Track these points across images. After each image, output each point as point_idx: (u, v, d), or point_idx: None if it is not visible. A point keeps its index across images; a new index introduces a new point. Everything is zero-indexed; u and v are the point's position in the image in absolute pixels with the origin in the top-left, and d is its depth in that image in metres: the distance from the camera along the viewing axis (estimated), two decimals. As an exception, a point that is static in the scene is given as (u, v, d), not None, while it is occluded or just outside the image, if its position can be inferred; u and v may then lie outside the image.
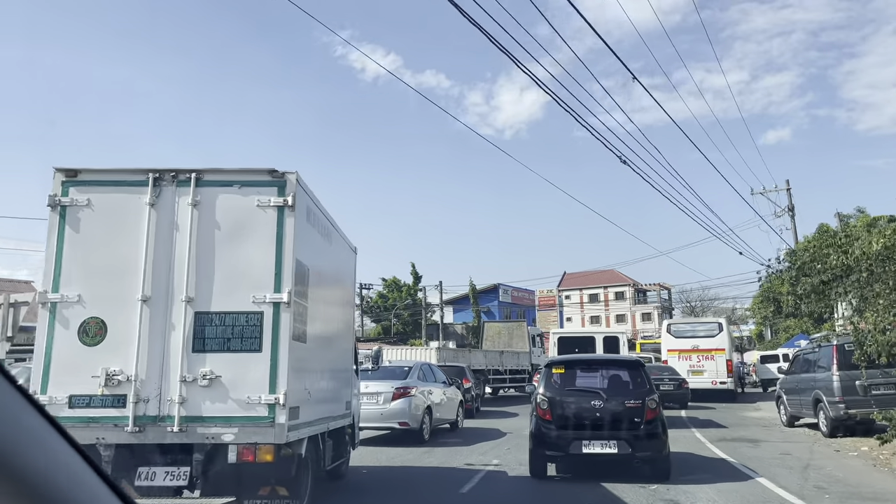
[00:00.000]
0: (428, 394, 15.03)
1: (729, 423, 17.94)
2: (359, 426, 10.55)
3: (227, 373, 5.45)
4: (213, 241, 5.65)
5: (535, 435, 9.14)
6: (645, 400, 8.92)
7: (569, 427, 8.93)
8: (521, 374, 29.90)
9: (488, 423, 18.70)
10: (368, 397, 14.07)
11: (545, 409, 9.10)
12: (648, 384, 9.33)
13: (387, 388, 14.14)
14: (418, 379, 15.16)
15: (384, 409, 13.98)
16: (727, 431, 15.62)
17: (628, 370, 9.71)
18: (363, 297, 52.97)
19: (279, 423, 5.37)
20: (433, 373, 16.50)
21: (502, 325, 32.55)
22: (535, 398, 9.47)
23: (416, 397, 14.34)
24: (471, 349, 26.94)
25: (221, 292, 5.57)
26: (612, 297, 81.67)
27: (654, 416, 8.89)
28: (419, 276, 58.03)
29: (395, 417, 13.95)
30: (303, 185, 5.99)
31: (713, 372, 26.06)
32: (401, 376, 14.90)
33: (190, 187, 5.72)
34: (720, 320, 27.69)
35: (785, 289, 45.39)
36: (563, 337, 20.97)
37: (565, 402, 9.08)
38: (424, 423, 14.48)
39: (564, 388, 9.30)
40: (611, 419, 8.82)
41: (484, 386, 27.02)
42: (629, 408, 8.90)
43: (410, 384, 14.51)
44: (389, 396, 14.08)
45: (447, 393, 16.47)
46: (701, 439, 13.89)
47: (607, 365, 10.36)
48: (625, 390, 9.30)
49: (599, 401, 8.93)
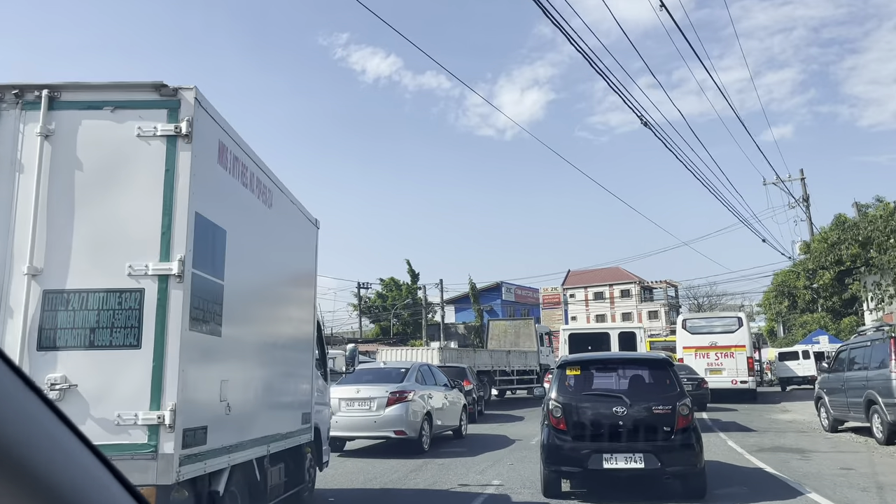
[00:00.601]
0: (427, 398, 13.30)
1: (758, 426, 16.12)
2: (328, 438, 8.86)
3: (88, 380, 3.71)
4: (73, 187, 3.91)
5: (548, 447, 7.95)
6: (675, 405, 7.75)
7: (586, 438, 7.82)
8: (529, 374, 28.13)
9: (493, 428, 16.97)
10: (360, 403, 12.42)
11: (558, 417, 7.93)
12: (678, 386, 8.13)
13: (380, 393, 12.45)
14: (416, 382, 13.42)
15: (378, 416, 12.28)
16: (762, 438, 13.77)
17: (654, 370, 8.54)
18: (361, 297, 51.12)
19: (164, 454, 3.63)
20: (433, 375, 14.73)
21: (508, 324, 30.72)
22: (547, 404, 8.31)
23: (414, 402, 12.62)
24: (475, 349, 25.15)
25: (83, 262, 3.84)
26: (618, 295, 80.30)
27: (686, 423, 7.73)
28: (416, 273, 56.29)
29: (390, 425, 12.25)
30: (208, 108, 4.24)
31: (733, 370, 24.15)
32: (396, 379, 13.16)
33: (40, 111, 3.96)
34: (739, 314, 25.78)
35: (801, 282, 43.77)
36: (575, 334, 19.10)
37: (582, 409, 7.98)
38: (424, 432, 12.77)
39: (580, 393, 8.21)
40: (636, 428, 7.73)
41: (490, 388, 25.30)
42: (657, 414, 7.78)
43: (407, 388, 12.78)
44: (384, 402, 12.37)
45: (449, 397, 14.73)
46: (735, 447, 12.09)
47: (630, 364, 9.24)
48: (651, 394, 8.17)
49: (622, 407, 7.78)
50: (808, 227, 42.13)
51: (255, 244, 5.27)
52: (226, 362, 4.50)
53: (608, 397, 8.04)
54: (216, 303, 4.28)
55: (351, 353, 11.24)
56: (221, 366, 4.41)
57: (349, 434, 12.66)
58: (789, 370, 33.21)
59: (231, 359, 4.61)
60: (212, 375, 4.24)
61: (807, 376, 33.28)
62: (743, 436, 14.03)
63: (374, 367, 14.55)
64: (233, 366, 4.65)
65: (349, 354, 11.24)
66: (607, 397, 8.05)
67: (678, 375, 8.48)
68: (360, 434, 12.73)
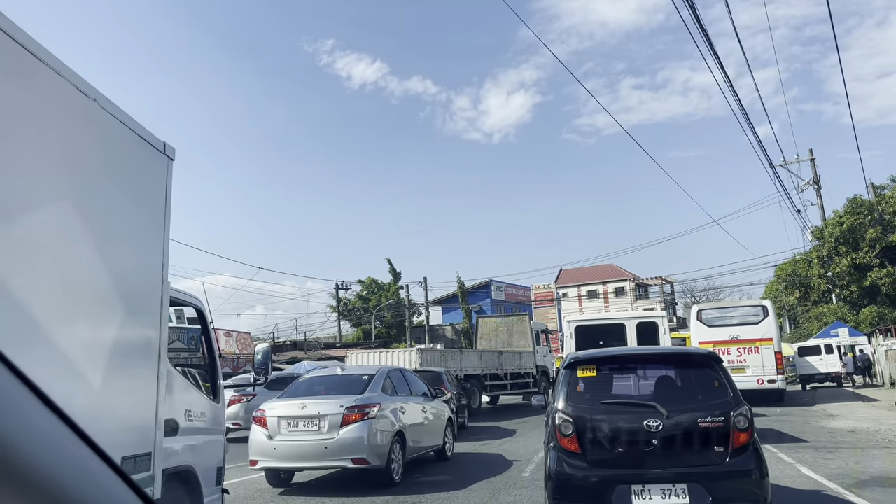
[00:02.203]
0: (399, 413, 10.10)
1: (817, 439, 13.04)
2: (220, 481, 5.85)
3: None
4: None
5: (556, 478, 6.00)
6: (730, 416, 5.92)
7: (608, 463, 5.94)
8: (525, 377, 24.95)
9: (483, 446, 13.78)
10: (306, 423, 9.22)
11: (569, 435, 6.04)
12: (732, 390, 6.21)
13: (333, 409, 9.28)
14: (384, 392, 10.19)
15: (329, 439, 9.09)
16: (839, 459, 10.62)
17: (697, 369, 6.58)
18: (340, 299, 47.56)
19: None
20: (407, 382, 11.47)
21: (500, 321, 27.44)
22: (553, 418, 6.28)
23: (379, 420, 9.44)
24: (462, 350, 21.89)
25: None
26: (612, 293, 77.83)
27: (745, 441, 5.88)
28: (398, 273, 53.03)
29: (347, 452, 9.06)
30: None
31: (758, 368, 21.12)
32: (356, 389, 9.94)
33: None
34: (764, 302, 22.65)
35: (815, 271, 40.90)
36: (583, 326, 15.81)
37: (600, 423, 6.06)
38: (394, 457, 9.62)
39: (597, 401, 6.29)
40: (676, 449, 5.88)
41: (480, 394, 22.06)
42: (705, 429, 5.89)
43: (370, 400, 9.58)
44: (337, 420, 9.18)
45: (429, 409, 11.53)
46: (813, 477, 8.98)
47: (663, 361, 7.11)
48: (695, 401, 6.23)
49: (656, 419, 5.86)
50: (819, 210, 39.42)
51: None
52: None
53: (636, 406, 6.12)
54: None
55: (264, 357, 7.98)
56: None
57: (290, 465, 9.40)
58: (810, 366, 30.26)
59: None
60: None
61: (830, 373, 30.39)
62: (810, 455, 10.89)
63: (328, 374, 11.25)
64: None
65: (261, 358, 7.98)
66: (635, 407, 6.13)
67: (730, 376, 6.45)
68: (306, 465, 9.47)
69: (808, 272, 41.14)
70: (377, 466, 9.24)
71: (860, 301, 37.90)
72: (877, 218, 37.59)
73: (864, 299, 37.76)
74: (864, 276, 36.88)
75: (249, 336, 37.13)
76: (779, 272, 45.66)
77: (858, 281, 37.14)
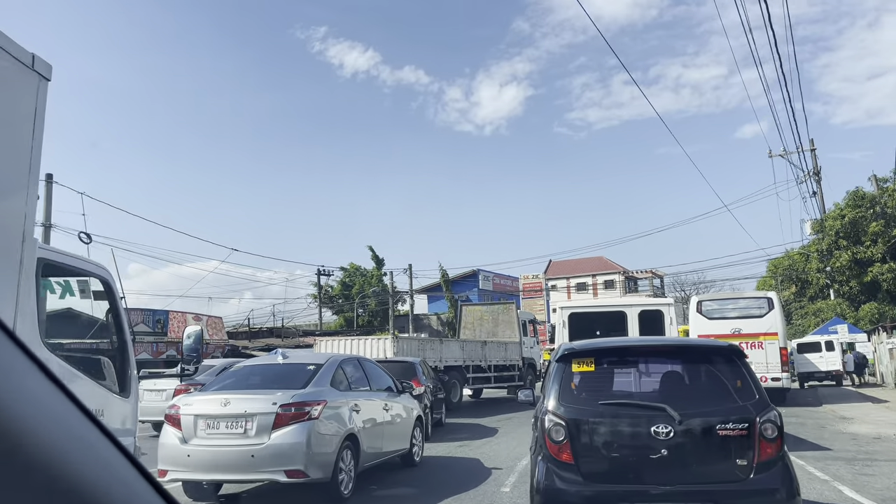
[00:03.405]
0: (351, 412, 8.29)
1: (842, 447, 11.40)
2: None
3: None
4: None
5: (543, 494, 5.06)
6: (755, 422, 4.87)
7: (607, 478, 5.01)
8: (510, 370, 23.24)
9: (459, 448, 12.04)
10: (229, 424, 7.42)
11: (560, 442, 5.06)
12: (757, 391, 5.17)
13: (263, 407, 7.42)
14: (333, 386, 8.35)
15: (257, 445, 7.25)
16: (880, 475, 8.95)
17: (716, 365, 5.52)
18: (321, 286, 45.60)
19: None
20: (366, 374, 9.64)
21: (485, 309, 25.65)
22: (542, 421, 5.28)
23: (325, 421, 7.65)
24: (443, 340, 20.11)
25: None
26: (602, 285, 76.75)
27: (773, 453, 4.85)
28: (381, 259, 51.12)
29: (279, 462, 7.26)
30: None
31: (762, 365, 19.43)
32: (297, 382, 8.10)
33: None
34: (770, 294, 20.96)
35: (813, 265, 39.39)
36: (578, 313, 13.97)
37: (598, 429, 5.11)
38: (342, 467, 7.83)
39: (595, 401, 5.29)
40: (689, 462, 4.90)
41: (461, 387, 20.32)
42: (724, 437, 4.89)
43: (313, 396, 7.76)
44: (268, 421, 7.35)
45: (394, 407, 9.76)
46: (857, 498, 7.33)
47: (674, 355, 5.99)
48: (713, 403, 5.19)
49: (666, 425, 4.89)
50: (819, 202, 37.87)
51: None
52: None
53: (642, 409, 5.25)
54: None
55: (195, 342, 6.26)
56: None
57: (207, 477, 7.53)
58: (810, 364, 28.69)
59: None
60: None
61: (831, 371, 28.86)
62: (844, 469, 9.22)
63: (267, 362, 9.38)
64: None
65: (192, 343, 6.26)
66: (641, 409, 5.26)
67: (754, 374, 5.46)
68: (227, 478, 7.61)
69: (807, 266, 39.63)
70: (319, 479, 7.45)
71: (859, 297, 36.44)
72: (879, 212, 36.07)
73: (864, 295, 36.31)
74: (865, 272, 35.40)
75: (221, 321, 35.12)
76: (771, 267, 44.26)
77: (859, 276, 35.66)
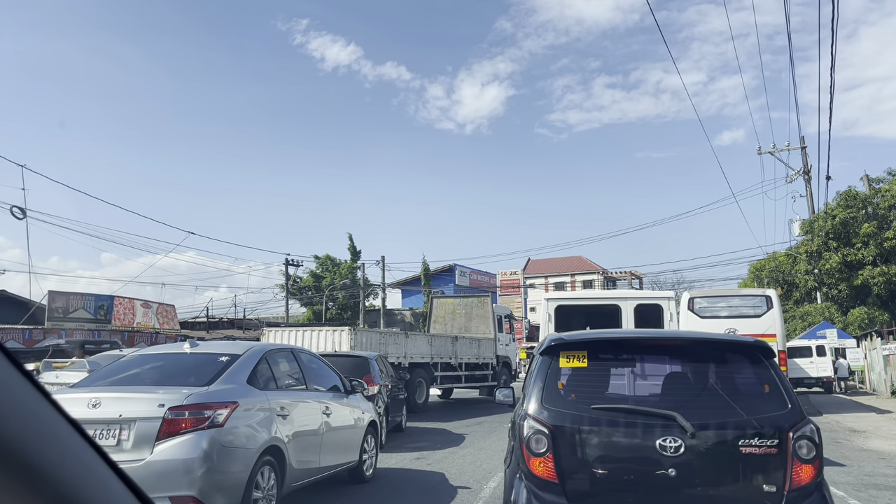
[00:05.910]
0: (275, 417, 6.30)
1: (873, 469, 9.69)
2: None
3: None
4: None
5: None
6: (788, 437, 3.85)
7: (598, 501, 3.98)
8: (482, 368, 21.34)
9: (419, 459, 10.10)
10: (100, 433, 5.31)
11: (541, 454, 4.01)
12: (789, 399, 4.05)
13: (147, 410, 5.42)
14: (250, 384, 6.31)
15: (134, 463, 5.20)
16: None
17: (738, 365, 4.32)
18: (290, 276, 43.30)
19: None
20: (302, 369, 7.59)
21: (458, 302, 23.70)
22: (520, 427, 4.18)
23: (233, 429, 5.67)
24: (408, 334, 18.14)
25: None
26: (580, 285, 75.74)
27: (811, 477, 3.84)
28: (358, 251, 49.02)
29: (162, 486, 5.29)
30: None
31: (759, 368, 17.73)
32: (202, 379, 6.05)
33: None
34: (768, 292, 19.27)
35: (801, 267, 38.02)
36: (566, 306, 12.11)
37: (590, 439, 4.02)
38: (259, 492, 5.83)
39: (587, 405, 4.16)
40: (704, 484, 3.87)
41: (428, 386, 18.36)
42: (748, 455, 3.85)
43: (218, 397, 5.78)
44: (152, 430, 5.36)
45: (339, 410, 7.77)
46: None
47: (686, 351, 4.57)
48: (734, 412, 4.02)
49: (675, 438, 3.87)
50: (808, 202, 36.53)
51: None
52: None
53: (646, 416, 4.02)
54: None
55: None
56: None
57: None
58: (799, 369, 27.21)
59: None
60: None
61: (822, 377, 27.42)
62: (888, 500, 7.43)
63: (169, 352, 7.30)
64: None
65: None
66: (644, 416, 4.03)
67: (785, 378, 4.21)
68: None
69: (794, 268, 38.29)
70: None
71: (848, 301, 35.14)
72: (871, 213, 34.77)
73: (853, 300, 35.01)
74: (855, 275, 34.08)
75: (174, 309, 32.71)
76: (753, 269, 42.98)
77: (849, 279, 34.33)
